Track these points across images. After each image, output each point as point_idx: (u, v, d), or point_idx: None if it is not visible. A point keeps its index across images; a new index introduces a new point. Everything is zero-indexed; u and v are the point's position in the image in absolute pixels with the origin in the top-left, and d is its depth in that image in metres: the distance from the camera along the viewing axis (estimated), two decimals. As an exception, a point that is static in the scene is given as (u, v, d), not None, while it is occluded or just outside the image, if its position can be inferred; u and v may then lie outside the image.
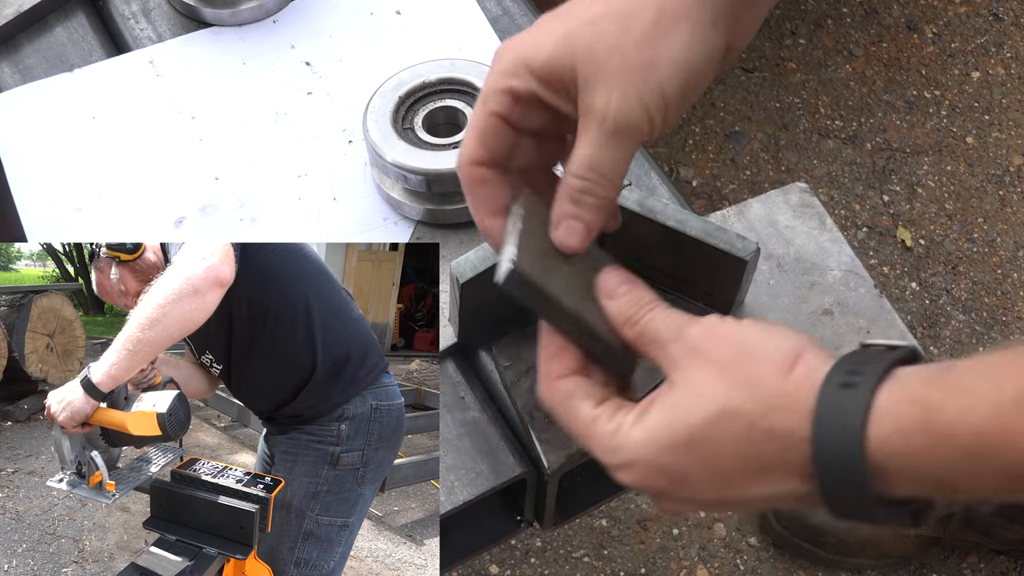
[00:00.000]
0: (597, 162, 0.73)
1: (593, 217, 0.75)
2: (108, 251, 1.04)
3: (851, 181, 2.16)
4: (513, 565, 1.81)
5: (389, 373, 1.11)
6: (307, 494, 1.04)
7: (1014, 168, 2.18)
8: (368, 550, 1.80)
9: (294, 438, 1.06)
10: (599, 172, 0.74)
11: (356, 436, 1.06)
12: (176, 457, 1.12)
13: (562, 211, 0.75)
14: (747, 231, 0.96)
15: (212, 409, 2.77)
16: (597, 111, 0.72)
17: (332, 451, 1.04)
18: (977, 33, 2.32)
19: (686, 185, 2.15)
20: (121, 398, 1.01)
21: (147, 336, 0.94)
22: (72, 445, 1.00)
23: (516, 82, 0.74)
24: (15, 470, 2.25)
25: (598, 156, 0.73)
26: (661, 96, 0.72)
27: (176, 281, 0.94)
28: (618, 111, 0.72)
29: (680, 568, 1.81)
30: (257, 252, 1.01)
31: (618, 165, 0.74)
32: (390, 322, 4.11)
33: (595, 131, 0.73)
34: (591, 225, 0.75)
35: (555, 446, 0.86)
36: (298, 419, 1.06)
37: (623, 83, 0.71)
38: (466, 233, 1.00)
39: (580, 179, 0.74)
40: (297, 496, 1.03)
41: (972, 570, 1.81)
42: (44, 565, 2.24)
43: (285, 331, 1.04)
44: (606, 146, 0.73)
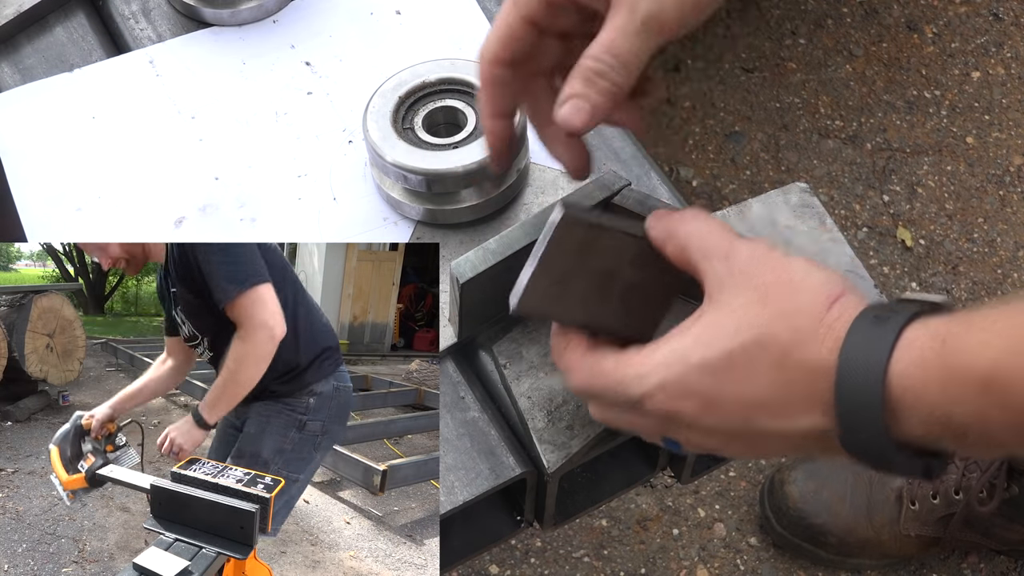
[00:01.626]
0: (619, 47, 0.73)
1: (601, 100, 0.74)
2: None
3: (851, 181, 2.16)
4: (513, 565, 1.81)
5: (343, 362, 1.29)
6: (275, 449, 1.19)
7: (1014, 168, 2.17)
8: (368, 550, 1.80)
9: (269, 404, 1.21)
10: (618, 57, 0.73)
11: (320, 409, 1.22)
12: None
13: (571, 89, 0.74)
14: (747, 231, 0.96)
15: (184, 395, 2.79)
16: (629, 1, 0.72)
17: (300, 418, 1.21)
18: (977, 33, 2.32)
19: (686, 185, 2.15)
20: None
21: (240, 390, 1.14)
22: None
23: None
24: (15, 470, 2.25)
25: (621, 41, 0.73)
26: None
27: (267, 346, 1.12)
28: (649, 2, 0.72)
29: (680, 568, 1.81)
30: (265, 252, 1.13)
31: (639, 55, 0.73)
32: (390, 322, 4.11)
33: (624, 18, 0.72)
34: (598, 108, 0.74)
35: (555, 446, 0.86)
36: (274, 393, 1.21)
37: None
38: (466, 233, 1.00)
39: (597, 60, 0.73)
40: (267, 449, 1.19)
41: (972, 570, 1.81)
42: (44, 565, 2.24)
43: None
44: (633, 34, 0.72)
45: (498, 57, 0.78)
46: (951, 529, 1.72)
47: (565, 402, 0.87)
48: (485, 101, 0.81)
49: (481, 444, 0.91)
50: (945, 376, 0.62)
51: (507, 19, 0.77)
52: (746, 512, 1.85)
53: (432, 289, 1.27)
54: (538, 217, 0.90)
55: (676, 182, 2.14)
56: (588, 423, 0.85)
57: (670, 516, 1.85)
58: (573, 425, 0.86)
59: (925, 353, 0.63)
